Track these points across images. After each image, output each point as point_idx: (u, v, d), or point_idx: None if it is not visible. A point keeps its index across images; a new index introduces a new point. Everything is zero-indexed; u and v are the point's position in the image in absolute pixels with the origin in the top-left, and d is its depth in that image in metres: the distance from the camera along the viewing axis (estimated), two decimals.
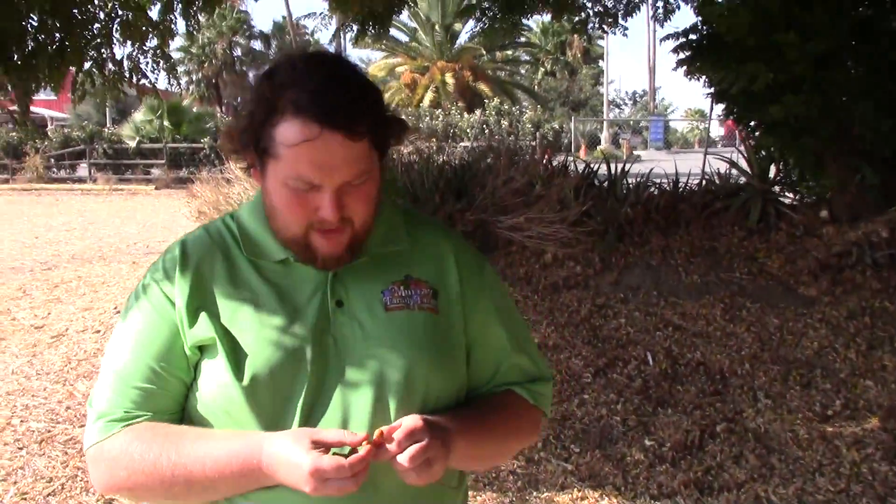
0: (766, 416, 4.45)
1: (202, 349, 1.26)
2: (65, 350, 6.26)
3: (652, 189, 7.33)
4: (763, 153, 7.29)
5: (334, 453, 1.14)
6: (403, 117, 1.31)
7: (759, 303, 5.89)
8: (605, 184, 7.60)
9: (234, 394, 1.22)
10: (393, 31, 33.61)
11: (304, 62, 1.20)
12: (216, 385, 1.24)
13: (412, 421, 1.17)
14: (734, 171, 7.50)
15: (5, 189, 23.69)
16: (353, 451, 1.14)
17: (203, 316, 1.25)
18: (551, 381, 1.48)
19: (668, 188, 7.38)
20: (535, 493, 3.76)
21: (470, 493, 3.72)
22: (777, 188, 7.18)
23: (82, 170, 26.55)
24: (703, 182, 7.51)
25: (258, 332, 1.24)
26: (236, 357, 1.23)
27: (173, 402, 1.28)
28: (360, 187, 1.21)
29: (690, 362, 5.17)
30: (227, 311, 1.26)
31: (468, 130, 26.25)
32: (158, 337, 1.26)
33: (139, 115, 26.37)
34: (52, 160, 26.32)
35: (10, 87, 4.94)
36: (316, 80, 1.16)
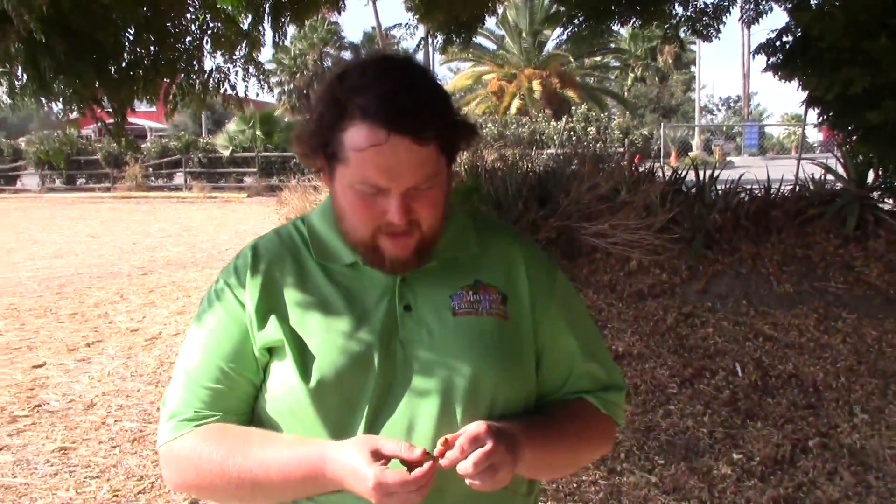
0: (863, 431, 4.26)
1: (271, 351, 1.27)
2: (158, 353, 6.47)
3: (742, 195, 7.12)
4: (861, 158, 7.02)
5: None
6: (473, 121, 1.29)
7: (856, 313, 5.66)
8: (693, 190, 7.43)
9: (301, 396, 1.22)
10: (480, 40, 33.80)
11: (374, 66, 1.20)
12: (283, 387, 1.25)
13: (476, 427, 1.15)
14: (830, 177, 7.22)
15: (107, 197, 24.71)
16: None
17: (272, 318, 1.26)
18: (623, 391, 1.45)
19: (759, 194, 7.17)
20: None
21: (551, 503, 3.68)
22: (875, 194, 6.89)
23: (178, 178, 27.55)
24: (797, 188, 7.27)
25: (326, 335, 1.25)
26: (304, 359, 1.23)
27: (242, 402, 1.30)
28: (427, 192, 1.21)
29: (782, 374, 4.99)
30: (296, 314, 1.27)
31: (554, 137, 26.11)
32: (229, 338, 1.28)
33: (232, 126, 27.19)
34: (150, 169, 27.33)
35: (106, 100, 5.12)
36: (384, 84, 1.16)
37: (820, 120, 7.23)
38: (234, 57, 5.56)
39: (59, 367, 6.08)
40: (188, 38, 5.36)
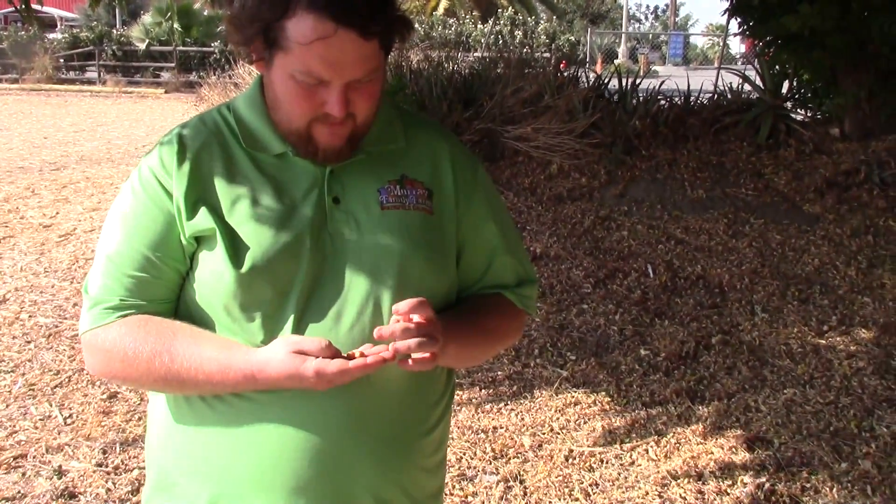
0: (762, 329, 4.50)
1: (199, 240, 1.26)
2: (72, 249, 6.34)
3: (662, 103, 7.22)
4: (777, 69, 7.16)
5: None
6: (410, 18, 1.29)
7: (763, 219, 5.89)
8: (616, 97, 7.50)
9: (232, 284, 1.22)
10: None
11: None
12: (213, 276, 1.25)
13: (416, 299, 1.20)
14: (747, 87, 7.37)
15: (14, 89, 23.55)
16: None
17: (202, 208, 1.25)
18: (536, 284, 1.50)
19: (678, 102, 7.28)
20: (529, 397, 3.85)
21: (466, 395, 3.82)
22: (789, 105, 7.08)
23: (91, 71, 26.35)
24: (715, 97, 7.40)
25: (256, 224, 1.25)
26: (235, 248, 1.23)
27: (168, 291, 1.29)
28: (366, 85, 1.21)
29: (690, 276, 5.20)
30: (226, 203, 1.26)
31: (481, 40, 25.79)
32: (153, 226, 1.26)
33: (148, 18, 26.01)
34: (62, 61, 26.08)
35: None
36: None
37: (741, 28, 7.33)
38: None
39: None
40: None
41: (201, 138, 1.31)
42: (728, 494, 3.05)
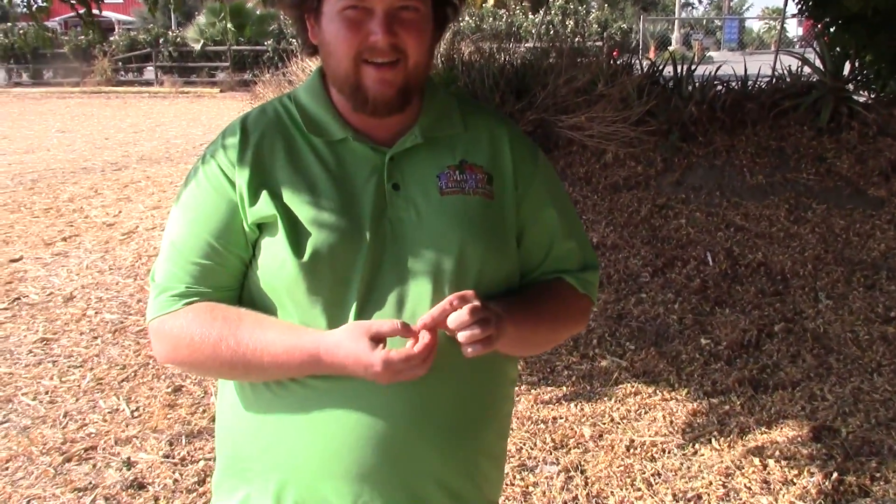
0: (827, 316, 4.40)
1: (261, 227, 1.28)
2: (135, 246, 6.48)
3: (719, 88, 7.09)
4: (838, 50, 6.98)
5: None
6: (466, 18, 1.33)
7: (826, 204, 5.75)
8: (671, 83, 7.39)
9: (294, 270, 1.24)
10: None
11: None
12: (276, 261, 1.26)
13: (462, 291, 1.21)
14: (807, 70, 7.20)
15: (76, 92, 24.13)
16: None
17: (264, 194, 1.26)
18: (598, 270, 1.49)
19: (735, 87, 7.14)
20: (588, 388, 3.82)
21: (525, 387, 3.81)
22: (851, 87, 6.89)
23: (149, 73, 26.90)
24: (773, 80, 7.24)
25: (317, 211, 1.26)
26: (296, 234, 1.24)
27: (232, 278, 1.31)
28: (412, 19, 1.24)
29: (751, 263, 5.11)
30: (288, 190, 1.27)
31: (532, 31, 25.63)
32: (217, 214, 1.28)
33: (202, 18, 26.41)
34: (120, 63, 26.65)
35: None
36: None
37: (799, 8, 7.16)
38: None
39: (36, 260, 6.09)
40: None
41: (262, 126, 1.32)
42: (794, 484, 2.99)
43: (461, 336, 1.17)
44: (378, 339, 1.17)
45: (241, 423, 1.35)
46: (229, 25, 25.21)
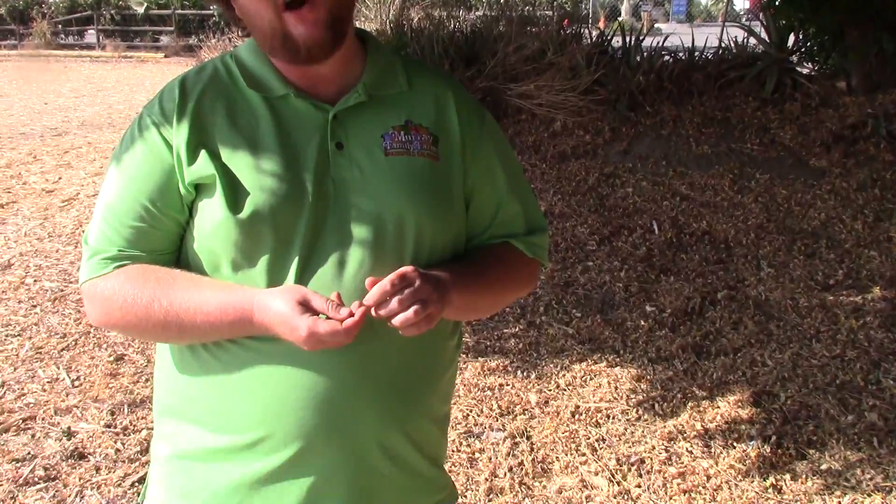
0: (768, 284, 4.49)
1: (199, 188, 1.24)
2: (76, 214, 6.33)
3: (666, 58, 7.14)
4: (783, 23, 7.06)
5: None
6: None
7: (769, 174, 5.84)
8: (619, 53, 7.41)
9: (232, 230, 1.20)
10: None
11: None
12: (213, 222, 1.22)
13: (403, 268, 1.17)
14: (752, 41, 7.28)
15: (13, 55, 23.38)
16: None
17: (203, 153, 1.22)
18: (546, 231, 1.47)
19: (683, 58, 7.20)
20: (535, 355, 3.85)
21: (472, 354, 3.82)
22: (795, 58, 6.99)
23: (90, 36, 26.16)
24: (720, 51, 7.31)
25: (258, 170, 1.22)
26: (235, 193, 1.21)
27: (167, 241, 1.28)
28: None
29: (696, 232, 5.17)
30: (227, 149, 1.24)
31: None
32: (152, 176, 1.25)
33: None
34: (60, 26, 25.86)
35: None
36: None
37: None
38: None
39: None
40: None
41: (202, 85, 1.28)
42: (734, 448, 3.05)
43: (396, 321, 1.15)
44: (307, 308, 1.15)
45: (178, 386, 1.32)
46: None
